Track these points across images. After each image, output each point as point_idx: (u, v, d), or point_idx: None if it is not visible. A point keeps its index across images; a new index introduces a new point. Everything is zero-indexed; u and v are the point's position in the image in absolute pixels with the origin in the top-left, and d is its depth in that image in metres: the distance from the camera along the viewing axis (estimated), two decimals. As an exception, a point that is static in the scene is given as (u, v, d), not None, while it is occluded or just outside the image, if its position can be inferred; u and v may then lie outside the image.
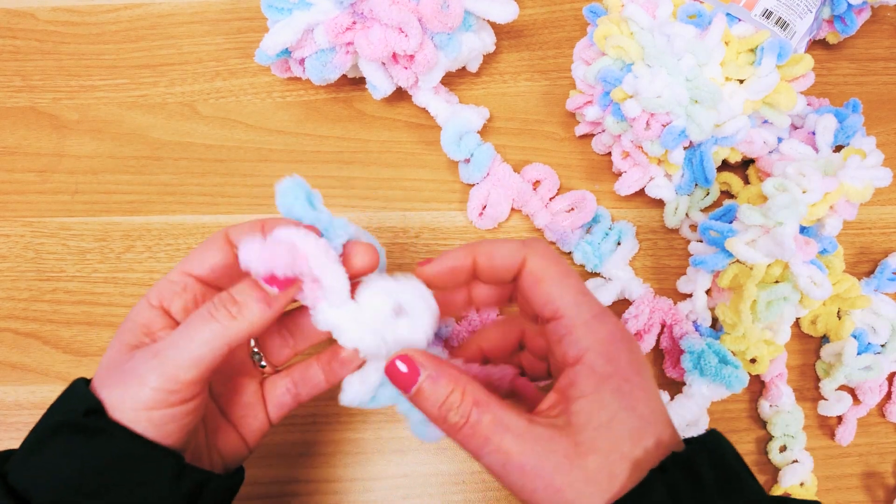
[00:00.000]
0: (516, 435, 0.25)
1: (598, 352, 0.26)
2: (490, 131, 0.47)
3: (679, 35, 0.39)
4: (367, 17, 0.41)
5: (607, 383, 0.26)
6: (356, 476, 0.40)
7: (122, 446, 0.25)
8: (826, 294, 0.37)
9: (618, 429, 0.25)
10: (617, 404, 0.25)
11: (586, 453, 0.25)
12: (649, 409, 0.26)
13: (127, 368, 0.26)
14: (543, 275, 0.28)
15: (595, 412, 0.25)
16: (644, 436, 0.25)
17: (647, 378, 0.27)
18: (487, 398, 0.26)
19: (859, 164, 0.38)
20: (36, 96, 0.49)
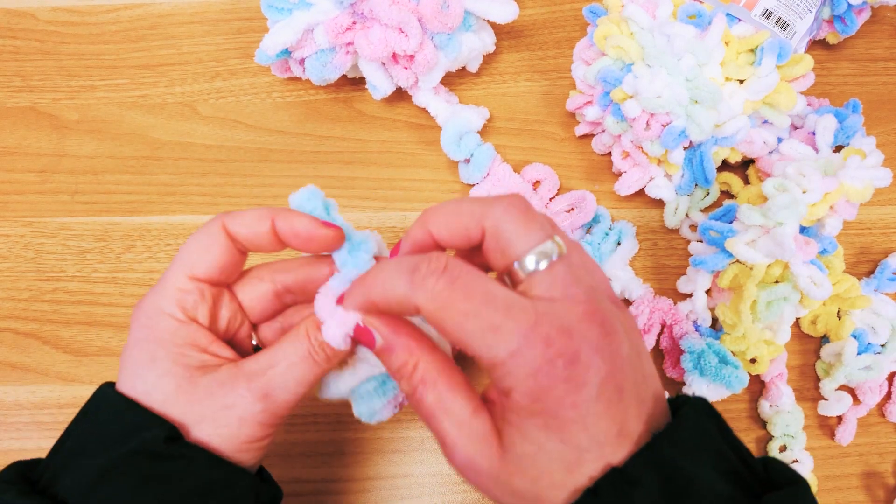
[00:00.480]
0: (454, 422, 0.25)
1: (521, 392, 0.23)
2: (490, 131, 0.47)
3: (679, 35, 0.39)
4: (367, 17, 0.41)
5: (533, 419, 0.23)
6: (356, 476, 0.40)
7: (204, 472, 0.25)
8: (826, 294, 0.37)
9: (544, 460, 0.23)
10: (544, 437, 0.23)
11: (513, 473, 0.24)
12: (588, 437, 0.23)
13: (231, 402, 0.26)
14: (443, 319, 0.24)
15: (519, 442, 0.24)
16: (581, 463, 0.23)
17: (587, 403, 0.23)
18: (436, 377, 0.25)
19: (859, 164, 0.38)
20: (36, 96, 0.49)
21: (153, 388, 0.26)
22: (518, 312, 0.23)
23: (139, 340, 0.27)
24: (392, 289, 0.24)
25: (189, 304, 0.27)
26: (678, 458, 0.23)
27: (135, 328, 0.27)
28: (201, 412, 0.26)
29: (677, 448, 0.23)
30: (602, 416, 0.23)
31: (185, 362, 0.26)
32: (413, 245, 0.27)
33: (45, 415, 0.41)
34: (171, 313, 0.27)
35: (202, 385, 0.26)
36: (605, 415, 0.23)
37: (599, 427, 0.23)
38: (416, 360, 0.26)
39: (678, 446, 0.23)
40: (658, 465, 0.23)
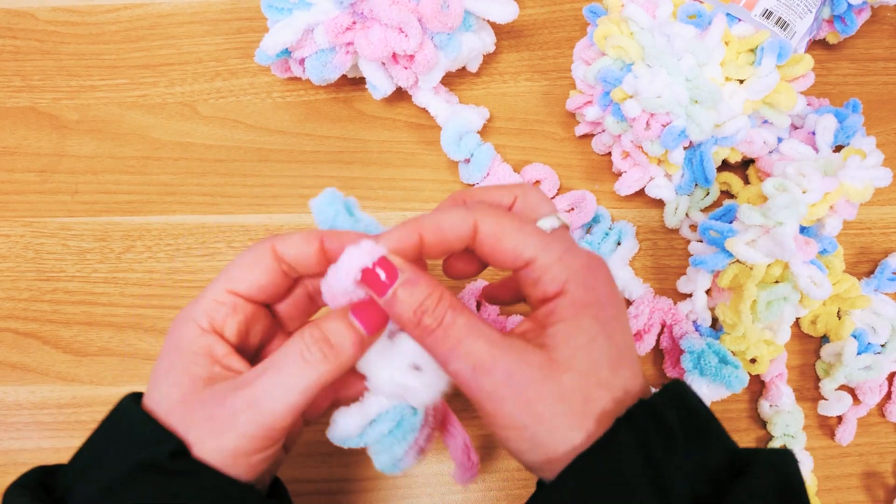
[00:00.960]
0: (489, 341, 0.25)
1: (577, 282, 0.26)
2: (490, 131, 0.47)
3: (679, 35, 0.39)
4: (367, 17, 0.41)
5: (587, 310, 0.25)
6: (356, 476, 0.40)
7: (209, 489, 0.25)
8: (826, 294, 0.37)
9: (597, 353, 0.25)
10: (597, 330, 0.25)
11: (563, 370, 0.24)
12: (624, 342, 0.26)
13: (217, 414, 0.25)
14: (500, 231, 0.27)
15: (574, 334, 0.25)
16: (621, 365, 0.25)
17: (622, 311, 0.27)
18: (463, 305, 0.26)
19: (859, 164, 0.38)
20: (36, 96, 0.49)
21: (163, 398, 0.26)
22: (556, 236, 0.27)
23: (166, 349, 0.27)
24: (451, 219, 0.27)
25: (217, 317, 0.27)
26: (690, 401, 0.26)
27: (166, 336, 0.27)
28: (197, 426, 0.25)
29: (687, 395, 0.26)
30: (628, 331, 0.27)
31: (194, 372, 0.26)
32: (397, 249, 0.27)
33: (45, 415, 0.41)
34: (197, 321, 0.27)
35: (200, 397, 0.26)
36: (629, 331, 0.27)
37: (629, 338, 0.27)
38: (441, 291, 0.26)
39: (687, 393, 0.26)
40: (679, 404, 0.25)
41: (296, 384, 0.25)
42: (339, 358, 0.26)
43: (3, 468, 0.40)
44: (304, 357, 0.25)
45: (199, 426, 0.25)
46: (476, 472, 0.31)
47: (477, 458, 0.31)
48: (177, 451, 0.25)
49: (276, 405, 0.25)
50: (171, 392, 0.26)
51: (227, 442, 0.25)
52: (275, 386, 0.25)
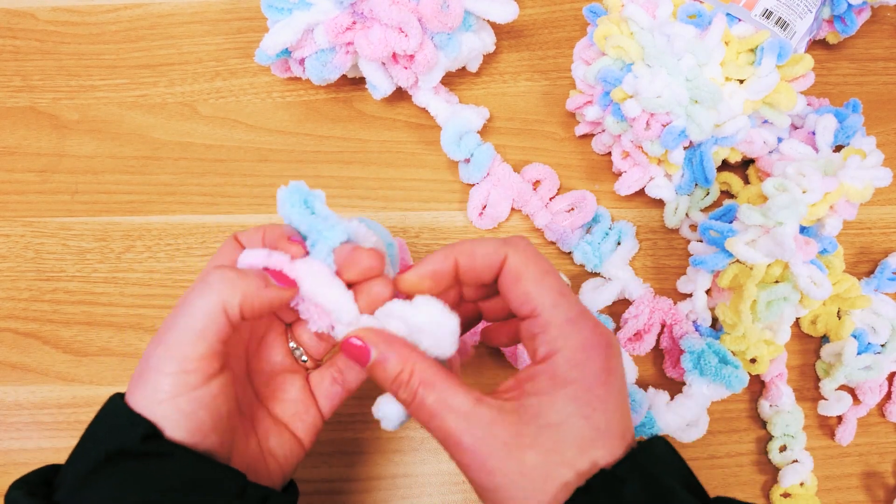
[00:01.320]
0: (459, 414, 0.26)
1: (566, 357, 0.26)
2: (490, 131, 0.47)
3: (679, 35, 0.39)
4: (367, 17, 0.41)
5: (566, 388, 0.25)
6: (356, 476, 0.40)
7: (184, 470, 0.25)
8: (826, 294, 0.37)
9: (565, 433, 0.25)
10: (570, 410, 0.25)
11: (526, 447, 0.25)
12: (605, 421, 0.25)
13: (141, 366, 0.26)
14: (523, 273, 0.27)
15: (544, 411, 0.25)
16: (593, 446, 0.25)
17: (613, 389, 0.26)
18: (434, 377, 0.26)
19: (859, 164, 0.38)
20: (36, 96, 0.49)
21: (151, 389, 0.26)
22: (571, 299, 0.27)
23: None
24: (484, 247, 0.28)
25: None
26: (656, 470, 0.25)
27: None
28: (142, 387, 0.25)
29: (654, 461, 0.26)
30: (618, 408, 0.26)
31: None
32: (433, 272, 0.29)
33: (45, 415, 0.41)
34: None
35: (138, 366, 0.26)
36: (619, 408, 0.26)
37: (615, 417, 0.26)
38: (412, 365, 0.27)
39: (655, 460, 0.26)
40: (641, 473, 0.25)
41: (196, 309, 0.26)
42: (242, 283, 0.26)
43: (3, 468, 0.40)
44: (206, 280, 0.26)
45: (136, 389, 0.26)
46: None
47: None
48: (148, 434, 0.25)
49: (183, 334, 0.25)
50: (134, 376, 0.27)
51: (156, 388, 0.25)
52: (179, 317, 0.26)
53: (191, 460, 0.25)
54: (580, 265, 0.43)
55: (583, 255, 0.43)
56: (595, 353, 0.26)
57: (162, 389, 0.25)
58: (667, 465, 0.27)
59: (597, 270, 0.43)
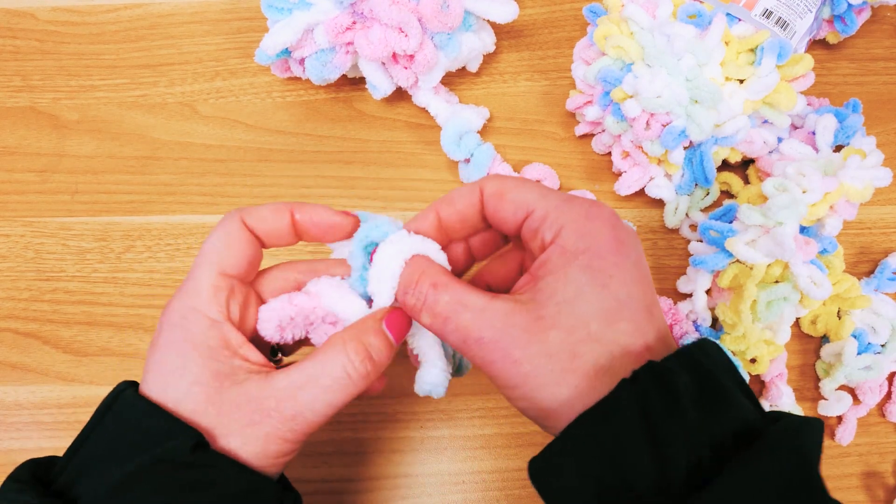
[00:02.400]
0: (475, 311, 0.25)
1: (571, 229, 0.25)
2: (490, 131, 0.47)
3: (679, 35, 0.39)
4: (367, 17, 0.41)
5: (577, 259, 0.25)
6: (356, 476, 0.40)
7: (230, 482, 0.25)
8: (826, 294, 0.37)
9: (583, 306, 0.24)
10: (585, 280, 0.24)
11: (547, 328, 0.24)
12: (626, 292, 0.24)
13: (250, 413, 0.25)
14: (503, 187, 0.27)
15: (560, 287, 0.24)
16: (617, 318, 0.24)
17: (629, 259, 0.25)
18: (447, 280, 0.26)
19: (859, 164, 0.38)
20: (36, 96, 0.49)
21: (184, 396, 0.26)
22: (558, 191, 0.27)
23: (170, 343, 0.26)
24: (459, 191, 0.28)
25: (223, 301, 0.27)
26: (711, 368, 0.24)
27: (165, 329, 0.27)
28: (229, 425, 0.25)
29: (708, 359, 0.24)
30: (638, 281, 0.25)
31: (215, 368, 0.26)
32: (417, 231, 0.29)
33: (45, 415, 0.41)
34: (206, 312, 0.27)
35: (231, 398, 0.26)
36: (640, 282, 0.25)
37: (636, 288, 0.25)
38: (421, 270, 0.27)
39: (708, 358, 0.24)
40: (694, 368, 0.23)
41: (333, 397, 0.26)
42: (378, 371, 0.27)
43: (3, 468, 0.40)
44: (349, 373, 0.26)
45: (237, 428, 0.25)
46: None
47: None
48: (198, 444, 0.24)
49: (318, 419, 0.26)
50: (193, 392, 0.26)
51: (266, 446, 0.25)
52: (318, 404, 0.26)
53: (235, 472, 0.25)
54: (580, 265, 0.43)
55: (583, 255, 0.43)
56: (599, 222, 0.25)
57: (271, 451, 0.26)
58: (721, 364, 0.25)
59: (597, 270, 0.43)
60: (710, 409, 0.23)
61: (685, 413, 0.22)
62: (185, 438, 0.24)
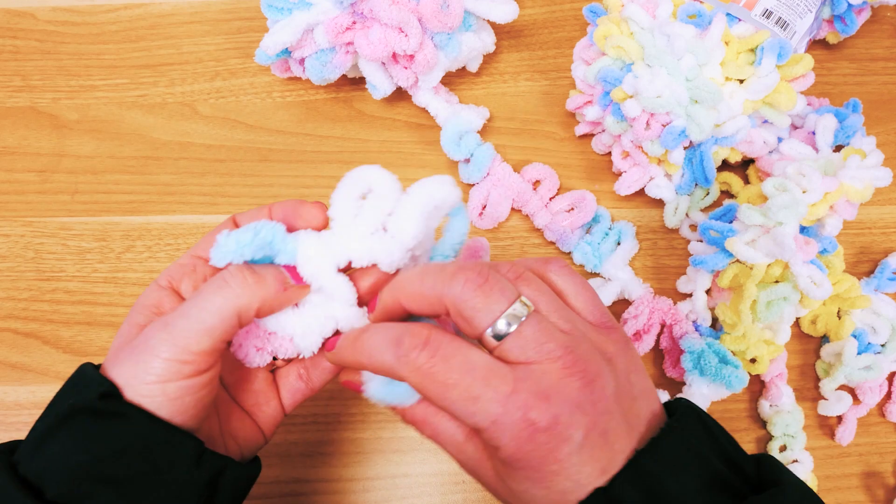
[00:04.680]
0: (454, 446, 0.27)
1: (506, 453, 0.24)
2: (490, 131, 0.47)
3: (679, 35, 0.39)
4: (367, 17, 0.41)
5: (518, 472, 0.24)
6: (356, 476, 0.40)
7: (140, 430, 0.25)
8: (826, 294, 0.37)
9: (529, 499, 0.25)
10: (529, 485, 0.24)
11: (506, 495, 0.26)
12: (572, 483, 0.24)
13: (137, 343, 0.26)
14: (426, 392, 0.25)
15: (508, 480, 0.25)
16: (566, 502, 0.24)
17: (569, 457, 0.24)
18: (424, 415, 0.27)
19: (859, 164, 0.38)
20: (36, 96, 0.49)
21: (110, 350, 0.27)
22: (497, 381, 0.24)
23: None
24: (379, 358, 0.25)
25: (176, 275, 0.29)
26: (660, 473, 0.24)
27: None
28: (122, 363, 0.26)
29: (659, 462, 0.24)
30: (586, 462, 0.24)
31: (136, 321, 0.27)
32: (384, 311, 0.28)
33: (45, 415, 0.41)
34: (157, 281, 0.29)
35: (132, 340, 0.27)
36: (588, 461, 0.24)
37: (583, 472, 0.24)
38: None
39: (660, 460, 0.24)
40: (642, 484, 0.23)
41: (212, 305, 0.26)
42: (259, 286, 0.26)
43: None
44: (225, 279, 0.26)
45: (124, 361, 0.26)
46: None
47: None
48: (105, 392, 0.25)
49: (192, 325, 0.25)
50: (113, 344, 0.27)
51: (148, 369, 0.25)
52: (192, 308, 0.26)
53: (148, 422, 0.25)
54: (580, 265, 0.43)
55: (583, 255, 0.43)
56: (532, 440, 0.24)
57: (153, 371, 0.25)
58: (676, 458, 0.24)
59: (596, 271, 0.43)
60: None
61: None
62: (95, 388, 0.25)
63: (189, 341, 0.25)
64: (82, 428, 0.25)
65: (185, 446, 0.26)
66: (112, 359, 0.27)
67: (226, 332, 0.26)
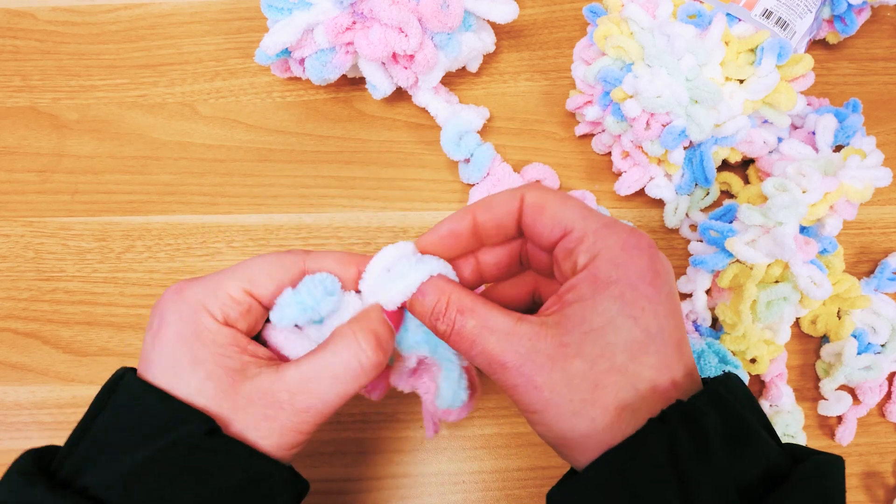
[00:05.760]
0: (500, 335, 0.25)
1: (606, 257, 0.24)
2: (490, 131, 0.47)
3: (679, 35, 0.39)
4: (367, 17, 0.41)
5: (609, 289, 0.24)
6: (356, 476, 0.40)
7: (244, 466, 0.25)
8: (826, 294, 0.37)
9: (610, 336, 0.23)
10: (615, 311, 0.24)
11: (571, 356, 0.24)
12: (657, 325, 0.24)
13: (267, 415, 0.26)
14: (544, 202, 0.27)
15: (588, 316, 0.24)
16: (645, 351, 0.23)
17: (662, 292, 0.24)
18: (473, 304, 0.26)
19: (859, 164, 0.38)
20: (36, 96, 0.49)
21: (196, 391, 0.26)
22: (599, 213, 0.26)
23: (179, 337, 0.26)
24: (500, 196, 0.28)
25: (232, 313, 0.27)
26: (737, 405, 0.24)
27: (173, 320, 0.27)
28: (244, 419, 0.26)
29: (734, 397, 0.24)
30: (670, 315, 0.24)
31: (227, 365, 0.26)
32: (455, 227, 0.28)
33: (45, 415, 0.41)
34: (212, 312, 0.27)
35: (244, 392, 0.26)
36: (672, 315, 0.24)
37: (668, 322, 0.24)
38: (448, 295, 0.27)
39: (734, 395, 0.24)
40: (721, 407, 0.23)
41: (345, 387, 0.26)
42: (385, 350, 0.27)
43: (3, 468, 0.40)
44: (360, 362, 0.26)
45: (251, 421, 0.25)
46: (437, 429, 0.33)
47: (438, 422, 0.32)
48: (211, 429, 0.25)
49: (329, 410, 0.26)
50: (207, 387, 0.26)
51: (281, 438, 0.25)
52: (330, 395, 0.26)
53: (249, 456, 0.25)
54: (580, 265, 0.43)
55: (583, 255, 0.43)
56: (637, 252, 0.25)
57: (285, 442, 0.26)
58: (744, 400, 0.25)
59: (597, 270, 0.43)
60: (738, 450, 0.22)
61: (713, 456, 0.22)
62: (199, 423, 0.24)
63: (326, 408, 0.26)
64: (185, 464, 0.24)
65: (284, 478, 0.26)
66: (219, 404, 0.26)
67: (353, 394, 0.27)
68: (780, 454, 0.23)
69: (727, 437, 0.23)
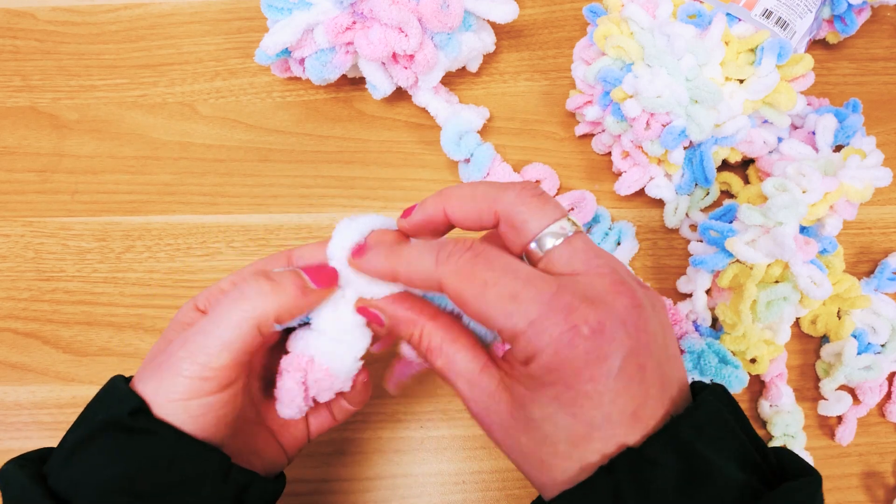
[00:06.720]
0: (466, 380, 0.25)
1: (540, 361, 0.23)
2: (490, 131, 0.47)
3: (679, 35, 0.39)
4: (367, 17, 0.41)
5: (545, 390, 0.23)
6: (356, 476, 0.40)
7: (168, 446, 0.25)
8: (826, 294, 0.37)
9: (552, 429, 0.23)
10: (554, 409, 0.23)
11: (520, 431, 0.24)
12: (602, 415, 0.22)
13: (162, 360, 0.26)
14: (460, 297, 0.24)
15: (528, 406, 0.24)
16: (589, 440, 0.23)
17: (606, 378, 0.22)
18: (440, 343, 0.26)
19: (859, 164, 0.38)
20: (36, 96, 0.49)
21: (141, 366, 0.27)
22: (539, 282, 0.23)
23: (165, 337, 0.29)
24: (418, 264, 0.25)
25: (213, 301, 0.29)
26: (697, 443, 0.22)
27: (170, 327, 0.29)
28: (148, 379, 0.26)
29: (697, 432, 0.23)
30: (620, 393, 0.22)
31: (168, 337, 0.28)
32: (425, 216, 0.27)
33: (45, 415, 0.41)
34: (195, 301, 0.29)
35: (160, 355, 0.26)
36: (623, 392, 0.22)
37: (615, 405, 0.22)
38: (420, 329, 0.26)
39: (698, 431, 0.23)
40: (678, 448, 0.22)
41: (230, 319, 0.25)
42: (277, 294, 0.26)
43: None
44: (242, 291, 0.26)
45: (149, 378, 0.26)
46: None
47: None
48: (135, 408, 0.25)
49: (210, 340, 0.25)
50: (146, 358, 0.28)
51: (171, 387, 0.25)
52: (210, 323, 0.25)
53: (175, 438, 0.25)
54: (580, 265, 0.43)
55: (583, 255, 0.43)
56: (579, 341, 0.22)
57: (175, 389, 0.25)
58: (713, 431, 0.23)
59: (597, 270, 0.43)
60: (692, 494, 0.22)
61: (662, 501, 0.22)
62: (126, 404, 0.25)
63: (209, 358, 0.25)
64: (112, 443, 0.25)
65: (212, 461, 0.26)
66: (141, 374, 0.26)
67: (246, 344, 0.25)
68: (741, 491, 0.22)
69: (683, 481, 0.22)
